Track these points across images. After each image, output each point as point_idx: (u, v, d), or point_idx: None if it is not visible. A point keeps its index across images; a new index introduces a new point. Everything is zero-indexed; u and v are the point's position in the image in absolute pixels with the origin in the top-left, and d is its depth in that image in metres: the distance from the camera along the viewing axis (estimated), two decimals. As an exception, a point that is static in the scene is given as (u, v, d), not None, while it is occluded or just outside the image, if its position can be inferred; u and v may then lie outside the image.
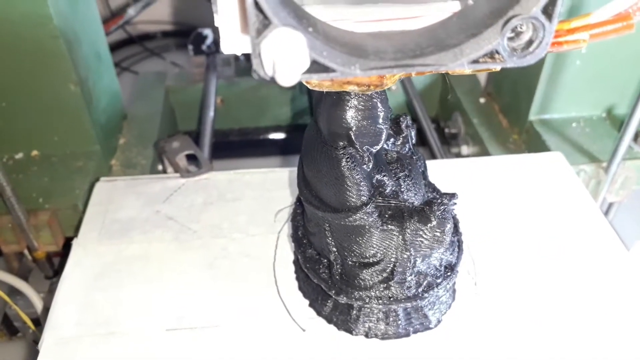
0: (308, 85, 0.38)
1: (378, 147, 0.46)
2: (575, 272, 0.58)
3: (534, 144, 0.88)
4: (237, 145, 1.14)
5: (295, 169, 0.70)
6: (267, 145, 1.15)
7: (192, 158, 0.76)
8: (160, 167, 0.89)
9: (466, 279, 0.57)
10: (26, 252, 0.84)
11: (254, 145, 1.15)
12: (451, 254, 0.52)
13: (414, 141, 0.54)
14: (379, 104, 0.44)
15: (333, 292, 0.50)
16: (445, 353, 0.51)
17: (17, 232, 0.76)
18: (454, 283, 0.55)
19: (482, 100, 1.03)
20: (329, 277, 0.51)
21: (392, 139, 0.53)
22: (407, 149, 0.53)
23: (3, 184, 0.70)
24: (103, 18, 1.07)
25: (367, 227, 0.46)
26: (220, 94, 1.07)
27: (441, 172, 0.66)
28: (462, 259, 0.52)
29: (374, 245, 0.47)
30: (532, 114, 0.90)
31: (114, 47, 1.34)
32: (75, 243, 0.61)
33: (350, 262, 0.49)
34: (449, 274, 0.51)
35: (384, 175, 0.48)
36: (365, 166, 0.45)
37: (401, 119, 0.53)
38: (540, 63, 0.84)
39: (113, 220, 0.64)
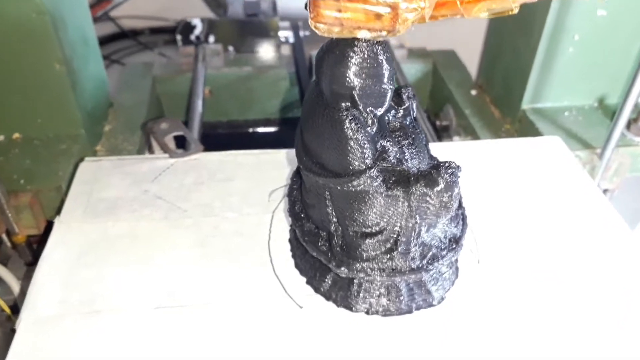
0: (317, 31, 0.36)
1: (382, 110, 0.44)
2: (578, 250, 0.56)
3: (527, 132, 0.87)
4: (225, 139, 1.12)
5: (289, 150, 0.68)
6: (256, 139, 1.13)
7: (181, 141, 0.74)
8: (147, 154, 0.86)
9: (469, 257, 0.55)
10: (5, 238, 0.80)
11: (242, 139, 1.13)
12: (455, 227, 0.50)
13: (415, 113, 0.52)
14: (384, 62, 0.42)
15: (333, 264, 0.48)
16: (449, 330, 0.49)
17: (-5, 216, 0.72)
18: (457, 260, 0.54)
19: (473, 92, 1.02)
20: (329, 250, 0.49)
21: (393, 111, 0.51)
22: (408, 122, 0.52)
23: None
24: (90, 3, 1.04)
25: (370, 192, 0.44)
26: (208, 85, 1.04)
27: (439, 155, 0.64)
28: (466, 232, 0.50)
29: (378, 213, 0.45)
30: (524, 103, 0.89)
31: (103, 42, 1.31)
32: (57, 221, 0.58)
33: (351, 233, 0.47)
34: (453, 246, 0.49)
35: (388, 141, 0.46)
36: (369, 128, 0.43)
37: (403, 89, 0.51)
38: (533, 50, 0.84)
39: (98, 200, 0.61)
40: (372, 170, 0.43)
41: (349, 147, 0.43)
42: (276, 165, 0.66)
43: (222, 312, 0.49)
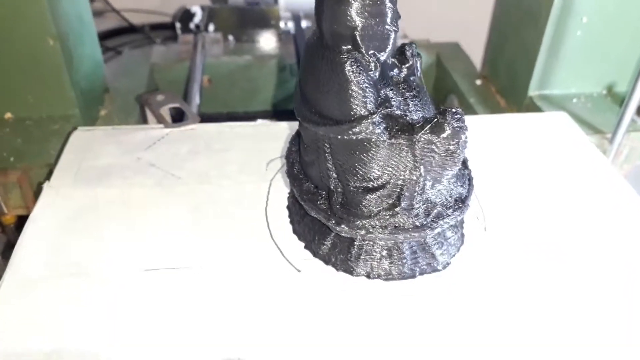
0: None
1: (385, 55, 0.42)
2: (586, 221, 0.54)
3: (534, 118, 0.85)
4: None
5: (288, 123, 0.66)
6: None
7: (179, 117, 0.71)
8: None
9: (475, 225, 0.53)
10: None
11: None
12: (462, 186, 0.47)
13: (420, 73, 0.50)
14: (387, 1, 0.40)
15: (332, 222, 0.45)
16: (453, 297, 0.46)
17: (-16, 193, 0.70)
18: (463, 225, 0.51)
19: (478, 82, 1.00)
20: (328, 208, 0.46)
21: (396, 69, 0.49)
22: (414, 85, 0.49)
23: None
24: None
25: (372, 141, 0.41)
26: (207, 73, 1.03)
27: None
28: (472, 194, 0.48)
29: (380, 164, 0.42)
30: (531, 90, 0.87)
31: (103, 37, 1.30)
32: (46, 186, 0.55)
33: (352, 189, 0.44)
34: (459, 205, 0.46)
35: (391, 90, 0.44)
36: (371, 73, 0.41)
37: (407, 47, 0.49)
38: (540, 34, 0.82)
39: (90, 167, 0.58)
40: (374, 116, 0.41)
41: (350, 91, 0.40)
42: (274, 137, 0.63)
43: (216, 275, 0.47)
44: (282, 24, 1.11)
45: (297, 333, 0.42)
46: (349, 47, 0.41)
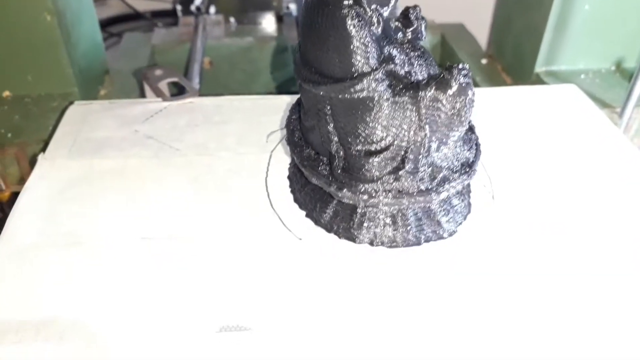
0: None
1: (387, 10, 0.41)
2: (597, 191, 0.52)
3: (542, 94, 0.83)
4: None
5: (288, 96, 0.64)
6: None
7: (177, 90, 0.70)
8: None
9: (483, 193, 0.51)
10: (-8, 199, 0.77)
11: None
12: (468, 151, 0.46)
13: (424, 37, 0.48)
14: (390, -49, 0.38)
15: (334, 187, 0.44)
16: (459, 265, 0.44)
17: (-19, 170, 0.69)
18: (470, 193, 0.49)
19: (483, 61, 0.99)
20: (330, 173, 0.45)
21: (400, 33, 0.47)
22: (418, 45, 0.48)
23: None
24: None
25: (375, 100, 0.40)
26: (209, 56, 1.01)
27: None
28: (479, 159, 0.46)
29: (383, 125, 0.41)
30: (538, 66, 0.85)
31: (105, 24, 1.29)
32: (41, 157, 0.54)
33: (354, 152, 0.43)
34: (466, 170, 0.44)
35: (395, 49, 0.42)
36: (374, 28, 0.40)
37: (410, 9, 0.47)
38: (547, 8, 0.81)
39: (86, 139, 0.57)
40: (376, 72, 0.39)
41: (351, 47, 0.39)
42: (275, 110, 0.62)
43: (215, 244, 0.45)
44: (283, 6, 1.09)
45: (297, 300, 0.41)
46: (350, 2, 0.39)
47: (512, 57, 0.94)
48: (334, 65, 0.40)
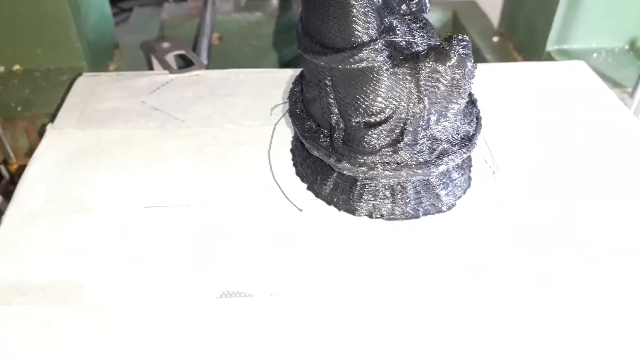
0: None
1: (389, -20, 0.41)
2: (602, 169, 0.52)
3: (552, 72, 0.82)
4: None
5: (293, 69, 0.65)
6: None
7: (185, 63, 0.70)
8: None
9: (484, 167, 0.51)
10: (3, 170, 0.78)
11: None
12: (469, 124, 0.46)
13: (429, 9, 0.48)
14: None
15: (334, 159, 0.44)
16: (457, 238, 0.44)
17: (-8, 142, 0.70)
18: (470, 168, 0.50)
19: (495, 39, 0.98)
20: (330, 145, 0.45)
21: (404, 5, 0.47)
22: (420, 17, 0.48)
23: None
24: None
25: (375, 70, 0.40)
26: (218, 31, 1.01)
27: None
28: (480, 133, 0.46)
29: (383, 96, 0.41)
30: (549, 44, 0.84)
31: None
32: (49, 127, 0.55)
33: (354, 124, 0.43)
34: (466, 143, 0.45)
35: (395, 19, 0.42)
36: (374, -3, 0.39)
37: (414, -19, 0.47)
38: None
39: (93, 110, 0.58)
40: (376, 43, 0.39)
41: (351, 16, 0.39)
42: (279, 84, 0.62)
43: (217, 213, 0.46)
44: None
45: (296, 269, 0.42)
46: (351, -29, 0.39)
47: (524, 35, 0.93)
48: (334, 35, 0.40)
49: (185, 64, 0.71)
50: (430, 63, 0.39)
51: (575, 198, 0.48)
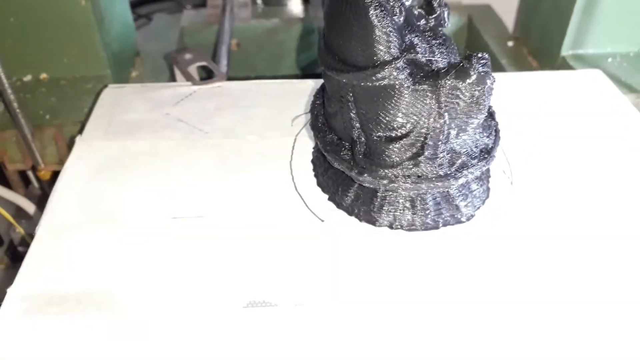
0: None
1: (410, 0, 0.42)
2: (620, 180, 0.52)
3: (568, 78, 0.83)
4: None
5: (313, 80, 0.66)
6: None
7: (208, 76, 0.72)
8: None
9: (502, 178, 0.52)
10: (32, 177, 0.81)
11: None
12: (487, 137, 0.47)
13: (448, 23, 0.49)
14: (413, -57, 0.39)
15: (355, 172, 0.45)
16: (477, 249, 0.46)
17: (22, 149, 0.72)
18: (489, 178, 0.51)
19: (510, 44, 0.98)
20: (351, 158, 0.46)
21: (422, 20, 0.48)
22: (440, 33, 0.49)
23: (10, 98, 0.67)
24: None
25: (396, 87, 0.41)
26: (236, 37, 1.03)
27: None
28: (498, 145, 0.47)
29: (404, 112, 0.42)
30: (564, 49, 0.85)
31: (134, 5, 1.31)
32: (78, 139, 0.57)
33: (375, 138, 0.44)
34: (485, 156, 0.46)
35: (416, 37, 0.43)
36: (395, 17, 0.41)
37: (434, -4, 0.48)
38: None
39: (120, 121, 0.60)
40: (398, 61, 0.40)
41: (373, 36, 0.40)
42: (300, 94, 0.63)
43: (241, 224, 0.48)
44: (310, -13, 1.10)
45: (319, 279, 0.43)
46: (373, -8, 0.40)
47: (539, 40, 0.93)
48: (357, 54, 0.42)
49: (206, 73, 0.73)
50: (451, 80, 0.40)
51: (592, 209, 0.49)
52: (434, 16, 0.48)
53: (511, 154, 0.55)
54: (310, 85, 0.65)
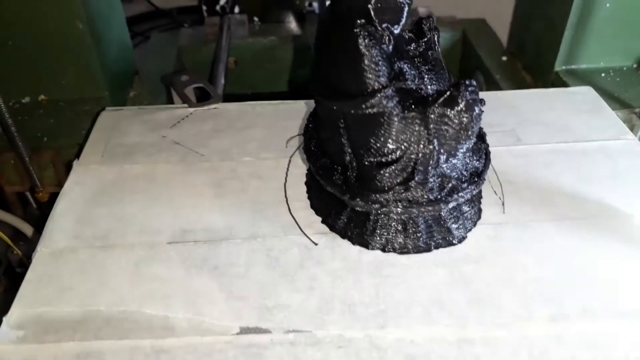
0: None
1: (399, 28, 0.43)
2: (611, 198, 0.53)
3: (561, 93, 0.83)
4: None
5: (308, 101, 0.67)
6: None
7: (203, 97, 0.73)
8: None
9: (493, 199, 0.53)
10: (30, 199, 0.81)
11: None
12: (477, 160, 0.48)
13: (438, 47, 0.50)
14: (400, -26, 0.40)
15: (347, 196, 0.46)
16: (469, 271, 0.46)
17: (20, 172, 0.73)
18: (480, 199, 0.51)
19: (504, 58, 0.99)
20: (343, 183, 0.47)
21: (413, 44, 0.49)
22: (431, 56, 0.50)
23: (7, 121, 0.68)
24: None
25: (385, 115, 0.42)
26: (233, 55, 1.04)
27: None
28: (489, 168, 0.48)
29: (394, 139, 0.43)
30: (558, 65, 0.86)
31: (132, 22, 1.32)
32: (76, 164, 0.58)
33: (366, 163, 0.45)
34: (475, 180, 0.46)
35: (406, 64, 0.44)
36: (384, 46, 0.42)
37: (424, 21, 0.49)
38: (567, 6, 0.80)
39: (117, 145, 0.61)
40: (387, 90, 0.41)
41: (363, 65, 0.41)
42: (295, 115, 0.64)
43: (236, 246, 0.48)
44: (307, 4, 1.11)
45: (314, 302, 0.44)
46: (362, 21, 0.41)
47: (533, 54, 0.94)
48: (347, 82, 0.42)
49: (201, 92, 0.74)
50: (439, 108, 0.41)
51: (585, 226, 0.50)
52: (424, 40, 0.49)
53: (503, 173, 0.55)
54: (304, 107, 0.66)
